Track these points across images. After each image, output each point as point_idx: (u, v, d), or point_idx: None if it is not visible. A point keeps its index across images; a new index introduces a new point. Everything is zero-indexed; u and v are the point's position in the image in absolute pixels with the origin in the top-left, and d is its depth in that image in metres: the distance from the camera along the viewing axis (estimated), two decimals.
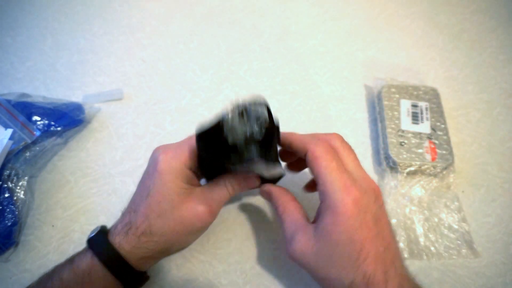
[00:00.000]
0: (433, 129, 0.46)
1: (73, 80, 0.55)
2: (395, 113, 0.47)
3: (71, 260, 0.32)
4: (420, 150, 0.44)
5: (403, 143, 0.44)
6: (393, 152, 0.44)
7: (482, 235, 0.42)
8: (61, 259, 0.40)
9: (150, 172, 0.33)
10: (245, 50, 0.58)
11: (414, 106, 0.47)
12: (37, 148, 0.44)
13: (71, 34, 0.60)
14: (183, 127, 0.50)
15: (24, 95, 0.49)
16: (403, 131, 0.45)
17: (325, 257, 0.28)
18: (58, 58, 0.57)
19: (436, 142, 0.45)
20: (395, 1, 0.63)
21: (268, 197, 0.35)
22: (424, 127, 0.46)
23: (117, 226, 0.33)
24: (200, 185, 0.35)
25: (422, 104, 0.47)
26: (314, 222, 0.31)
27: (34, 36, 0.59)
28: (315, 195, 0.33)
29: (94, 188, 0.45)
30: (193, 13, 0.62)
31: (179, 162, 0.32)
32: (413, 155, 0.43)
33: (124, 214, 0.34)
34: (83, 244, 0.33)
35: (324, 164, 0.29)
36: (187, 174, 0.33)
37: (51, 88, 0.54)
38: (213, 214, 0.34)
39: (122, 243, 0.31)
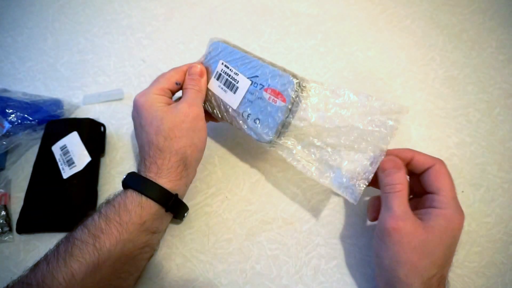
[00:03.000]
0: None
1: (74, 80, 0.55)
2: None
3: (107, 200, 0.36)
4: None
5: None
6: None
7: (482, 235, 0.42)
8: None
9: (135, 115, 0.40)
10: None
11: None
12: (9, 140, 0.45)
13: (71, 34, 0.60)
14: None
15: (3, 90, 0.49)
16: None
17: (426, 246, 0.32)
18: (58, 58, 0.57)
19: None
20: (395, 1, 0.63)
21: (397, 170, 0.36)
22: None
23: (139, 169, 0.38)
24: None
25: None
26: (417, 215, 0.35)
27: (34, 36, 0.59)
28: None
29: None
30: (193, 13, 0.62)
31: (151, 92, 0.39)
32: None
33: (138, 161, 0.40)
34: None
35: (448, 180, 0.35)
36: (161, 98, 0.39)
37: (51, 88, 0.54)
38: (194, 105, 0.39)
39: (148, 174, 0.36)
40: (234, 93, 0.40)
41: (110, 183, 0.45)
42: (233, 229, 0.42)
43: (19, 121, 0.45)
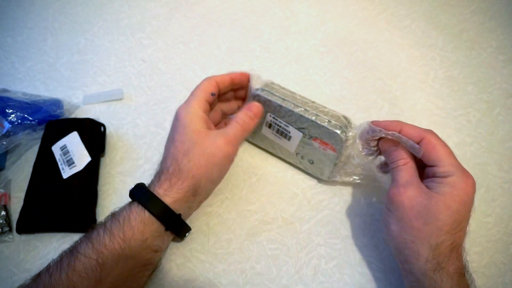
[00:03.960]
0: None
1: (74, 80, 0.55)
2: None
3: (112, 214, 0.36)
4: None
5: None
6: None
7: (482, 235, 0.42)
8: None
9: (173, 125, 0.39)
10: (245, 50, 0.58)
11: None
12: (9, 140, 0.45)
13: (71, 34, 0.60)
14: None
15: (3, 90, 0.49)
16: None
17: (430, 212, 0.32)
18: (58, 58, 0.57)
19: None
20: (395, 1, 0.63)
21: (394, 147, 0.36)
22: None
23: (153, 180, 0.37)
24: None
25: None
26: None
27: (34, 36, 0.59)
28: None
29: None
30: (193, 13, 0.62)
31: (194, 107, 0.38)
32: None
33: (156, 174, 0.38)
34: None
35: (443, 150, 0.34)
36: (203, 117, 0.38)
37: (51, 88, 0.54)
38: (231, 145, 0.38)
39: (157, 189, 0.36)
40: (289, 140, 0.43)
41: (110, 183, 0.45)
42: (233, 229, 0.42)
43: (19, 121, 0.45)
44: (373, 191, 0.44)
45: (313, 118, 0.40)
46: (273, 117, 0.43)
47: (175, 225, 0.37)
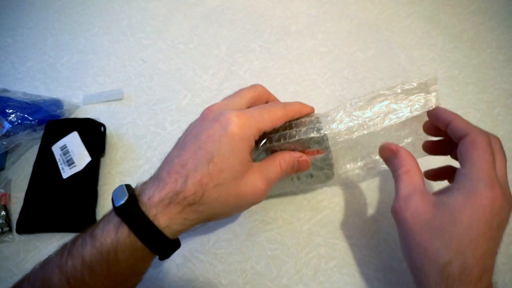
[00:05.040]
0: None
1: (74, 80, 0.55)
2: None
3: (92, 235, 0.28)
4: None
5: None
6: None
7: None
8: None
9: (215, 135, 0.29)
10: (245, 50, 0.58)
11: None
12: (9, 140, 0.45)
13: (71, 34, 0.60)
14: (183, 127, 0.49)
15: (3, 90, 0.49)
16: None
17: (436, 227, 0.28)
18: (58, 58, 0.57)
19: None
20: (395, 1, 0.63)
21: (393, 155, 0.33)
22: None
23: (153, 195, 0.28)
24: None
25: None
26: (434, 194, 0.31)
27: (34, 36, 0.59)
28: None
29: None
30: (193, 13, 0.62)
31: (253, 130, 0.30)
32: None
33: (162, 179, 0.29)
34: None
35: (481, 153, 0.29)
36: (252, 145, 0.31)
37: (51, 88, 0.54)
38: (267, 192, 0.32)
39: (158, 216, 0.28)
40: None
41: (110, 183, 0.45)
42: (233, 229, 0.42)
43: (19, 121, 0.45)
44: (374, 191, 0.45)
45: (287, 136, 0.36)
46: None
47: (170, 253, 0.31)
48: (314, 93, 0.53)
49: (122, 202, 0.28)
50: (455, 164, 0.34)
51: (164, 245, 0.29)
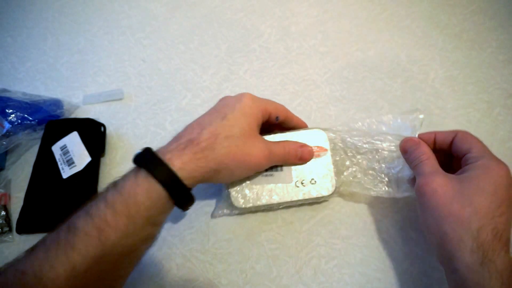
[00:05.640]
0: None
1: (73, 80, 0.55)
2: None
3: (114, 183, 0.32)
4: None
5: None
6: None
7: None
8: None
9: (230, 103, 0.37)
10: (245, 50, 0.58)
11: None
12: (9, 140, 0.45)
13: (71, 34, 0.60)
14: (183, 127, 0.50)
15: (3, 90, 0.49)
16: None
17: (464, 195, 0.31)
18: (58, 58, 0.57)
19: None
20: (395, 1, 0.63)
21: (415, 145, 0.37)
22: None
23: (169, 145, 0.34)
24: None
25: None
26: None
27: (34, 36, 0.60)
28: None
29: None
30: (193, 13, 0.62)
31: (261, 107, 0.37)
32: None
33: (179, 134, 0.35)
34: None
35: (476, 139, 0.35)
36: (259, 121, 0.37)
37: (51, 88, 0.54)
38: (267, 160, 0.38)
39: (172, 159, 0.32)
40: (282, 170, 0.41)
41: None
42: (233, 229, 0.42)
43: (19, 121, 0.45)
44: None
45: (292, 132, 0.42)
46: None
47: (185, 201, 0.34)
48: (314, 93, 0.53)
49: (139, 152, 0.33)
50: None
51: (178, 188, 0.32)
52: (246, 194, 0.40)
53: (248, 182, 0.40)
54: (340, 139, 0.43)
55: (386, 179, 0.42)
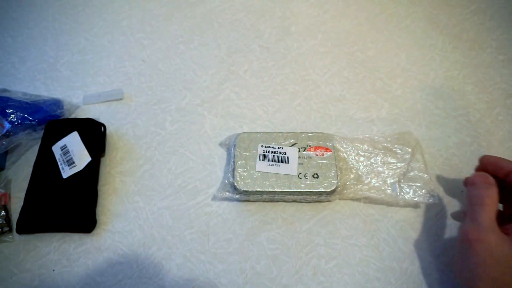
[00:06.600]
0: None
1: (74, 80, 0.55)
2: None
3: None
4: None
5: None
6: None
7: None
8: (62, 259, 0.41)
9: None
10: (245, 50, 0.58)
11: None
12: (9, 140, 0.45)
13: (71, 34, 0.60)
14: (183, 127, 0.50)
15: (3, 90, 0.49)
16: None
17: (509, 264, 0.30)
18: (58, 58, 0.57)
19: None
20: (395, 1, 0.63)
21: (486, 185, 0.34)
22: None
23: None
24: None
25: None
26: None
27: (34, 36, 0.60)
28: None
29: None
30: (193, 13, 0.62)
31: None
32: None
33: None
34: (83, 244, 0.33)
35: None
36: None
37: (51, 88, 0.54)
38: None
39: None
40: (288, 163, 0.43)
41: (110, 183, 0.45)
42: (233, 229, 0.42)
43: (19, 121, 0.45)
44: None
45: (296, 132, 0.45)
46: (265, 146, 0.44)
47: None
48: (314, 93, 0.53)
49: None
50: None
51: None
52: (250, 178, 0.42)
53: (254, 168, 0.42)
54: (345, 142, 0.46)
55: (389, 181, 0.43)
